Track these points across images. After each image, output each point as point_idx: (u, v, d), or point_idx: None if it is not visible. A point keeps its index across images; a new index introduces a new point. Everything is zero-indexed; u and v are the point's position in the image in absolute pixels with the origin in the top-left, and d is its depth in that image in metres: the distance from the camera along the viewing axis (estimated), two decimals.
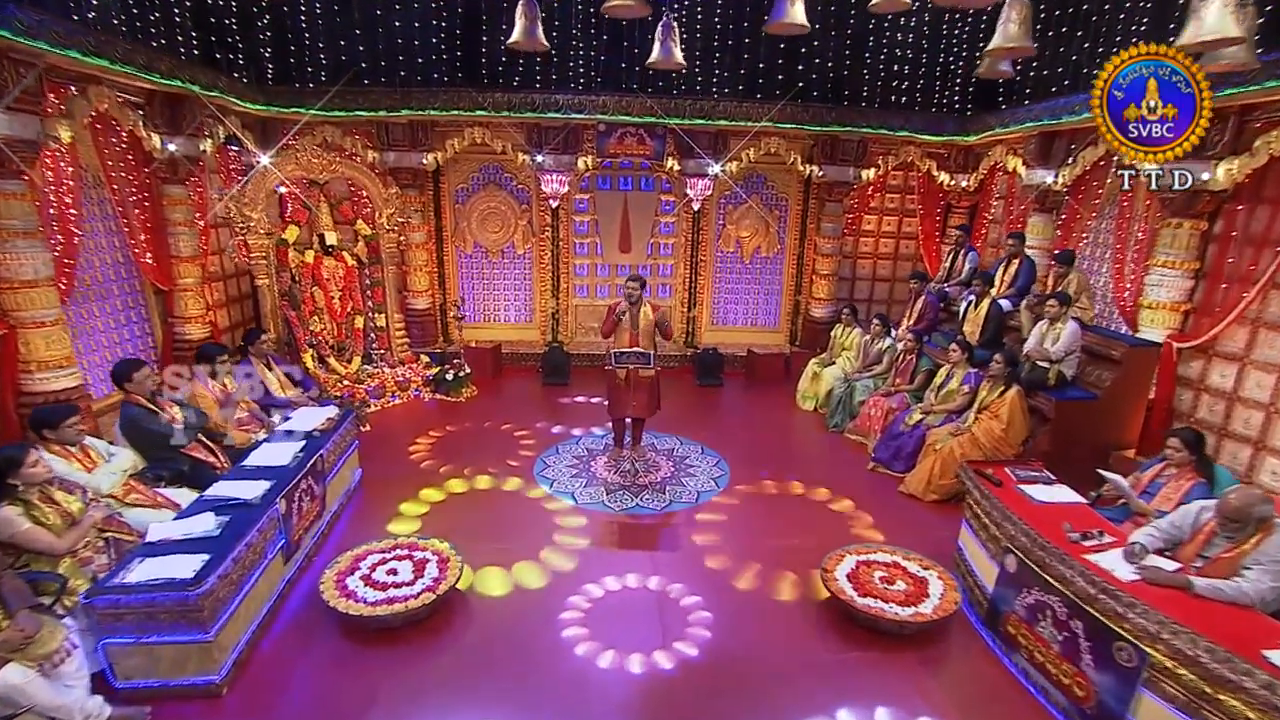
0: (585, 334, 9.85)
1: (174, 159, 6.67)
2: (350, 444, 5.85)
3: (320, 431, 5.33)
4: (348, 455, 5.74)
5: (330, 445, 5.34)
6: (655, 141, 8.53)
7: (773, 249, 9.66)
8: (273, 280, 7.31)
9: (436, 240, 9.36)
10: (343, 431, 5.62)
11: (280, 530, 4.36)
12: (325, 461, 5.21)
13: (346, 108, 8.28)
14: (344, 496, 5.62)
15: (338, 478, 5.50)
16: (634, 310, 5.82)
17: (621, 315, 5.76)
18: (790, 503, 5.96)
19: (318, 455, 5.04)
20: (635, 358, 5.80)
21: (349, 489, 5.75)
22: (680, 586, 4.64)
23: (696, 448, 6.91)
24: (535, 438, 7.00)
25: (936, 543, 5.13)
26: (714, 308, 9.90)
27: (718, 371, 9.04)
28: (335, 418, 5.61)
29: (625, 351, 5.80)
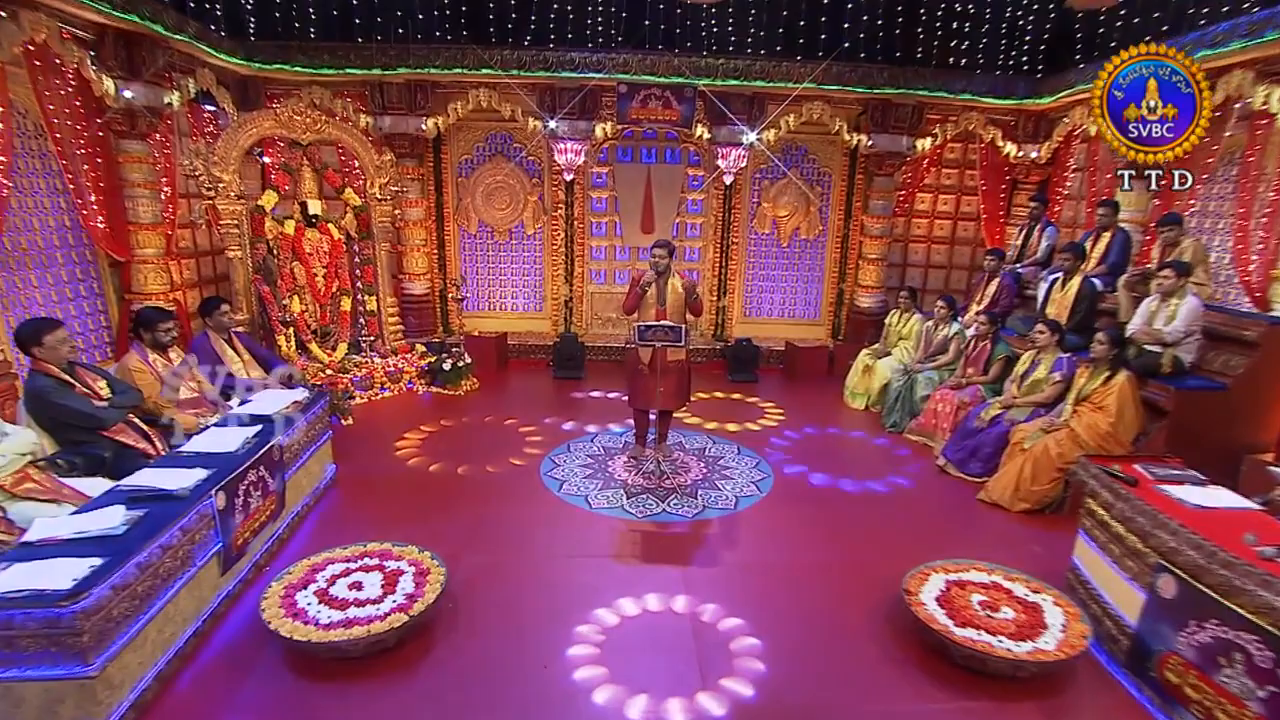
0: (602, 325, 9.13)
1: (132, 109, 6.00)
2: (322, 434, 5.07)
3: (283, 416, 4.52)
4: (317, 447, 4.96)
5: (294, 433, 4.56)
6: (683, 105, 7.81)
7: (814, 230, 8.90)
8: (246, 253, 6.58)
9: (437, 218, 8.71)
10: (312, 418, 4.84)
11: (215, 531, 3.54)
12: (286, 452, 4.42)
13: (337, 65, 7.65)
14: (311, 495, 4.84)
15: (303, 472, 4.71)
16: (661, 282, 5.15)
17: (647, 287, 5.09)
18: (848, 510, 5.09)
19: (275, 443, 4.23)
20: (664, 333, 4.99)
21: (318, 486, 4.97)
22: (718, 608, 3.78)
23: (731, 447, 6.10)
24: (543, 434, 6.25)
25: (1035, 560, 4.27)
26: (747, 296, 9.17)
27: (752, 366, 8.28)
28: (304, 401, 4.82)
29: (652, 325, 5.01)
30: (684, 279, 5.24)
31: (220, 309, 5.22)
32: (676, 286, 5.21)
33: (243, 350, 5.38)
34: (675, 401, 5.38)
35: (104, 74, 5.70)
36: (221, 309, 5.22)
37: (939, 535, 4.75)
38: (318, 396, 5.11)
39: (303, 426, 4.73)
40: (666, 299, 5.19)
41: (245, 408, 4.63)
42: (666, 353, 5.17)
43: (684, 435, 6.28)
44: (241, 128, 6.45)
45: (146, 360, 4.54)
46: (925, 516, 5.03)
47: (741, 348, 8.29)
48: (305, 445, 4.78)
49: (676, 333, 5.03)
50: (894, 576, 3.90)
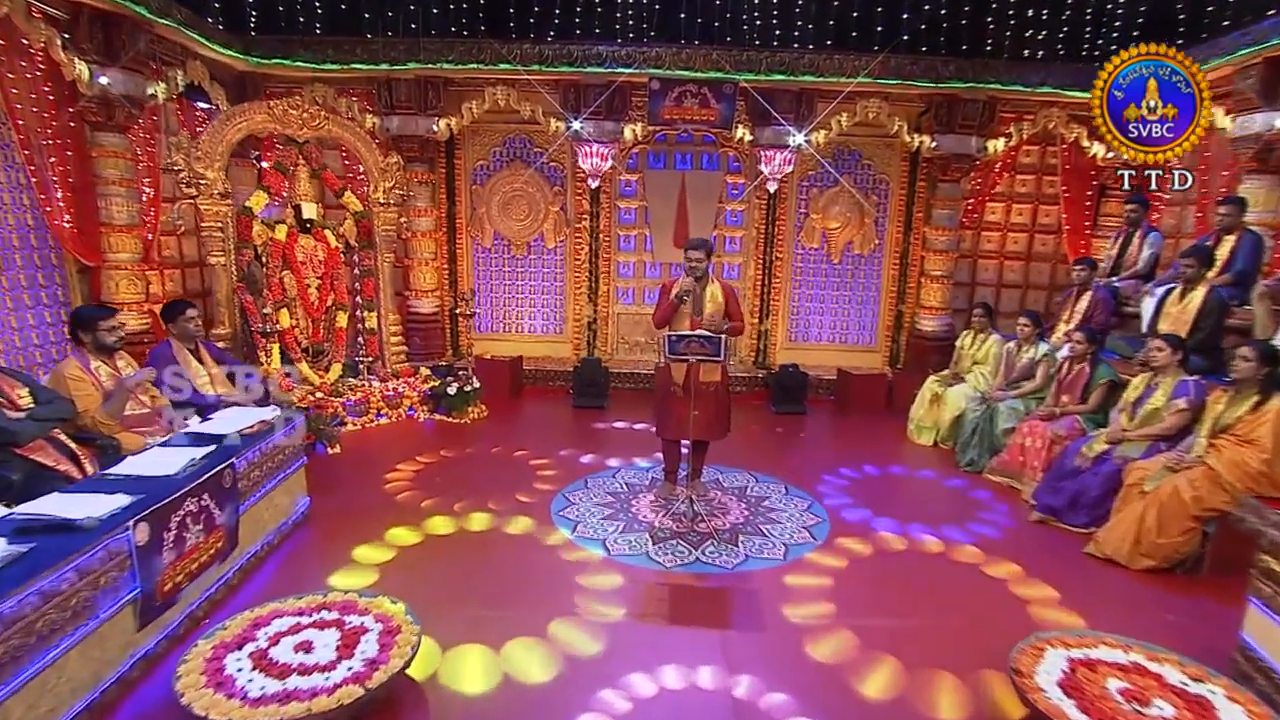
0: (629, 349, 8.59)
1: (108, 98, 5.65)
2: (293, 460, 4.52)
3: (243, 436, 3.96)
4: (286, 475, 4.40)
5: (253, 457, 3.99)
6: (722, 104, 7.31)
7: (869, 245, 8.30)
8: (230, 260, 6.14)
9: (448, 229, 8.30)
10: (279, 441, 4.28)
11: (132, 573, 2.94)
12: (242, 479, 3.84)
13: (342, 60, 7.33)
14: (275, 533, 4.26)
15: (265, 504, 4.14)
16: (699, 290, 4.64)
17: (684, 297, 4.56)
18: (925, 565, 4.35)
19: (226, 468, 3.66)
20: (699, 344, 4.40)
21: (285, 523, 4.40)
22: (761, 683, 3.07)
23: (778, 486, 5.43)
24: (557, 468, 5.67)
25: (1174, 634, 3.52)
26: (793, 319, 8.57)
27: (800, 396, 7.64)
28: (272, 421, 4.27)
29: (685, 335, 4.43)
30: (725, 287, 4.70)
31: (186, 314, 4.72)
32: (716, 295, 4.68)
33: (211, 363, 4.86)
34: (713, 430, 4.79)
35: (76, 57, 5.35)
36: (187, 314, 4.73)
37: (1043, 600, 3.97)
38: (291, 416, 4.54)
39: (267, 450, 4.17)
40: (704, 308, 4.66)
41: (201, 426, 4.09)
42: (701, 371, 4.59)
43: (721, 472, 5.66)
44: (229, 120, 6.09)
45: (87, 367, 4.03)
46: (1025, 574, 4.24)
47: (788, 375, 7.67)
48: (269, 473, 4.21)
49: (714, 344, 4.43)
50: (991, 649, 3.18)
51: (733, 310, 4.69)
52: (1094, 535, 4.52)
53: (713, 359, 4.50)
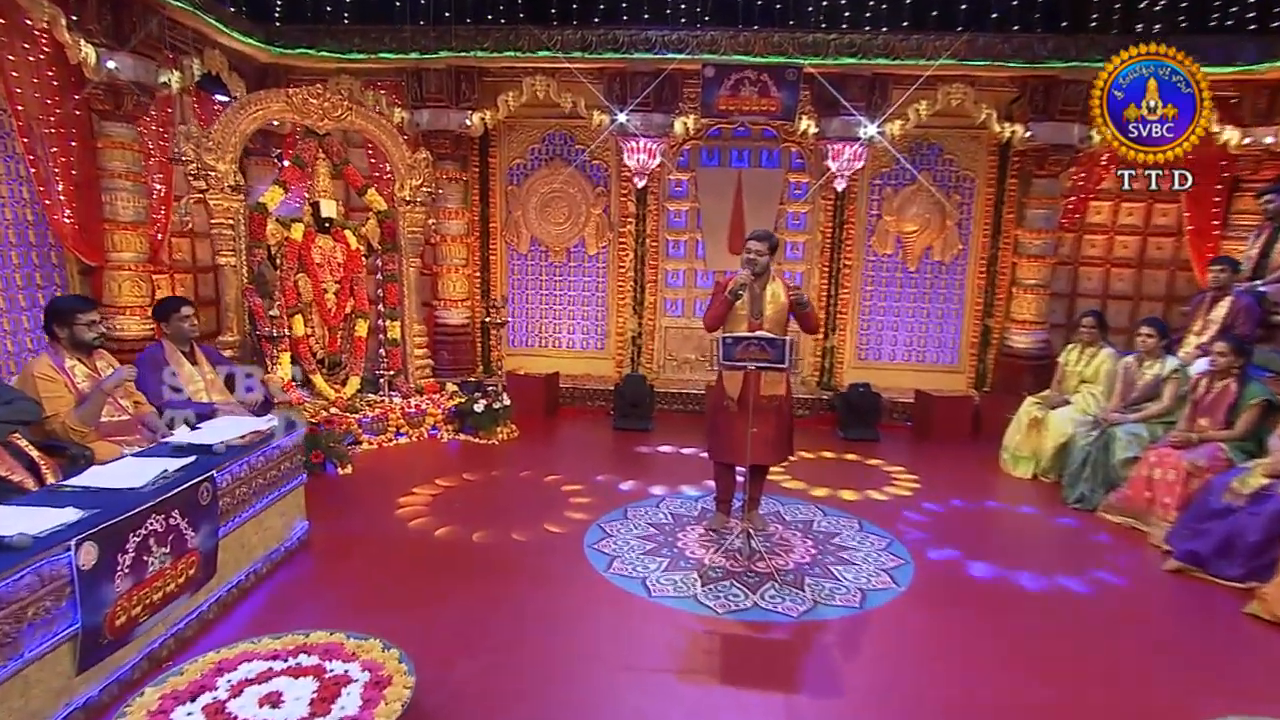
0: (678, 367, 8.22)
1: (116, 85, 5.53)
2: (289, 478, 4.20)
3: (229, 447, 3.64)
4: (280, 494, 4.08)
5: (240, 471, 3.66)
6: (783, 92, 6.92)
7: (951, 250, 7.80)
8: (241, 260, 5.94)
9: (481, 233, 8.10)
10: (272, 455, 3.96)
11: (72, 602, 2.58)
12: (225, 496, 3.51)
13: (369, 49, 7.22)
14: (264, 561, 3.92)
15: (253, 527, 3.80)
16: (757, 287, 4.27)
17: (738, 293, 4.18)
18: (1035, 619, 3.81)
19: (204, 482, 3.31)
20: (759, 348, 3.97)
21: (277, 549, 4.06)
22: None
23: (850, 521, 4.93)
24: (593, 495, 5.31)
25: None
26: (863, 334, 8.09)
27: (872, 420, 7.16)
28: (266, 432, 3.95)
29: (742, 337, 4.02)
30: (788, 286, 4.30)
31: (180, 312, 4.49)
32: (778, 294, 4.30)
33: (208, 367, 4.60)
34: (773, 453, 4.39)
35: (83, 39, 5.23)
36: (182, 312, 4.49)
37: (1197, 668, 3.35)
38: (288, 427, 4.22)
39: (259, 464, 3.83)
40: (764, 310, 4.28)
41: (187, 435, 3.78)
42: (762, 382, 4.19)
43: (782, 504, 5.19)
44: (244, 109, 5.92)
45: (60, 366, 3.76)
46: (1164, 636, 3.62)
47: (859, 397, 7.17)
48: (260, 491, 3.87)
49: (777, 348, 3.97)
50: None
51: (803, 316, 4.33)
52: (1257, 592, 3.84)
53: (775, 367, 4.04)
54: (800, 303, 4.26)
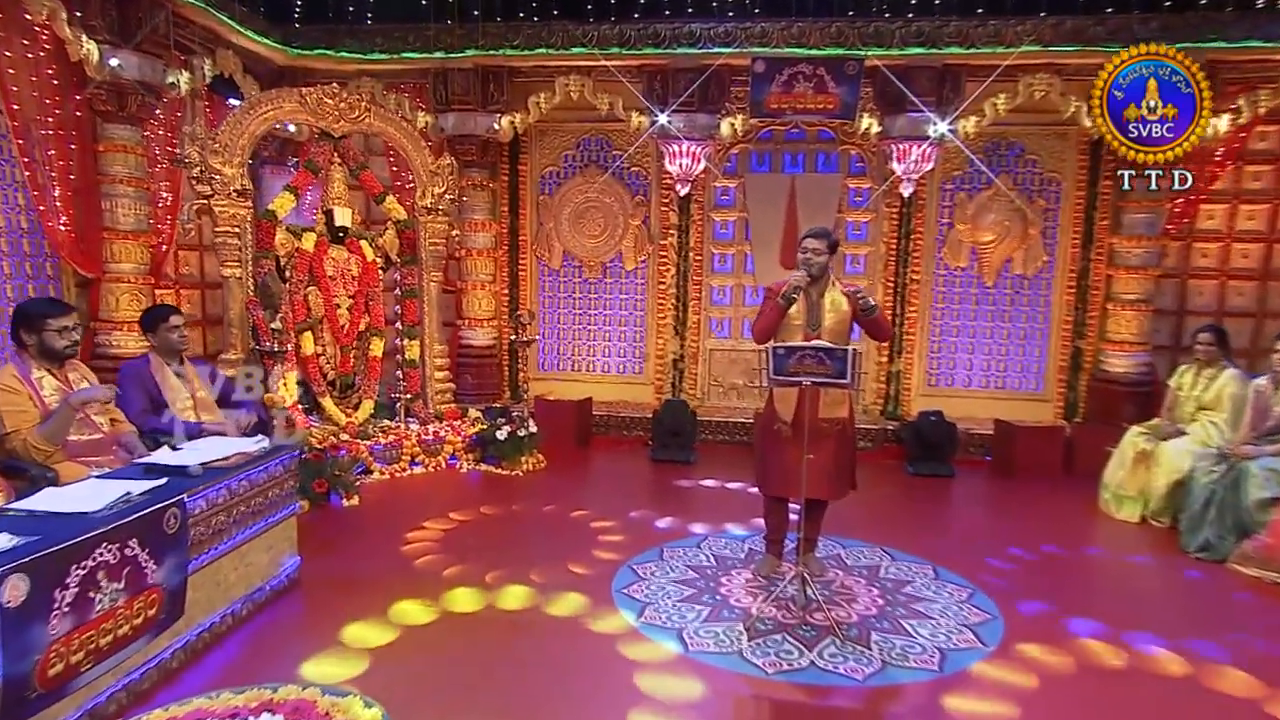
0: (724, 394, 7.98)
1: (120, 84, 5.53)
2: (279, 507, 3.97)
3: (206, 468, 3.40)
4: (266, 525, 3.84)
5: (217, 496, 3.41)
6: (842, 88, 6.70)
7: (1035, 262, 7.46)
8: (246, 271, 5.81)
9: (510, 246, 8.07)
10: (258, 480, 3.73)
11: None
12: (199, 526, 3.26)
13: (392, 49, 7.25)
14: (244, 601, 3.67)
15: (230, 561, 3.56)
16: (814, 294, 4.01)
17: (792, 297, 3.91)
18: (1166, 694, 3.26)
19: (170, 507, 3.05)
20: (817, 360, 3.65)
21: (261, 588, 3.82)
22: None
23: (924, 568, 4.56)
24: (625, 533, 5.02)
25: None
26: (933, 358, 7.79)
27: (945, 453, 6.77)
28: (254, 454, 3.72)
29: (796, 347, 3.69)
30: (852, 297, 4.01)
31: (169, 321, 4.31)
32: (838, 302, 4.01)
33: (198, 384, 4.40)
34: (833, 486, 4.06)
35: (85, 35, 5.23)
36: (170, 321, 4.31)
37: None
38: (284, 452, 3.99)
39: (241, 490, 3.58)
40: (822, 320, 4.00)
41: (166, 456, 3.55)
42: (821, 402, 3.87)
43: (843, 545, 4.82)
44: (253, 109, 5.82)
45: (26, 377, 3.55)
46: None
47: (930, 427, 6.79)
48: (242, 520, 3.62)
49: (837, 360, 3.63)
50: None
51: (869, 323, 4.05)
52: None
53: (836, 383, 3.68)
54: (867, 308, 3.94)
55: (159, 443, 3.84)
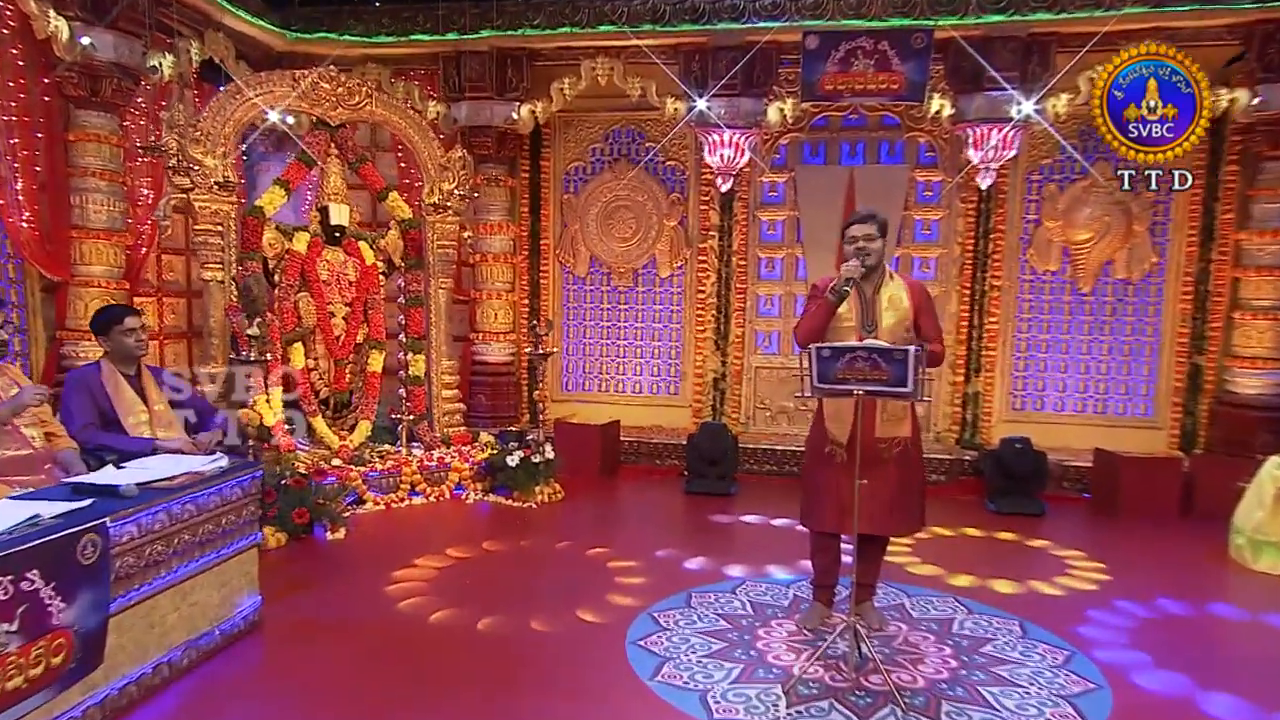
0: (771, 418, 7.82)
1: (93, 66, 5.50)
2: (236, 537, 3.77)
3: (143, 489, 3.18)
4: (217, 558, 3.63)
5: (152, 522, 3.18)
6: (909, 65, 6.59)
7: (1141, 264, 7.18)
8: (229, 275, 5.74)
9: (531, 251, 8.11)
10: (208, 504, 3.52)
11: None
12: (122, 555, 3.03)
13: (400, 31, 7.26)
14: (186, 648, 3.44)
15: (168, 600, 3.33)
16: (868, 290, 3.77)
17: (843, 291, 3.65)
18: None
19: (87, 533, 2.80)
20: (872, 364, 3.31)
21: (210, 633, 3.59)
22: None
23: (1009, 623, 4.21)
24: (648, 574, 4.83)
25: None
26: (1017, 377, 7.57)
27: (1034, 487, 6.50)
28: (204, 475, 3.52)
29: (847, 348, 3.37)
30: (914, 287, 3.82)
31: (124, 323, 4.13)
32: (898, 297, 3.78)
33: (156, 395, 4.21)
34: (895, 520, 3.84)
35: (53, 10, 5.21)
36: (125, 324, 4.13)
37: None
38: (246, 472, 3.78)
39: (186, 516, 3.35)
40: (879, 319, 3.73)
41: (105, 475, 3.35)
42: (879, 417, 3.65)
43: (908, 593, 4.53)
44: (239, 94, 5.77)
45: None
46: None
47: (1015, 457, 6.47)
48: (186, 551, 3.39)
49: (896, 365, 3.34)
50: None
51: (926, 324, 3.78)
52: None
53: (895, 392, 3.34)
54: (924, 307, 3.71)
55: (104, 461, 3.70)
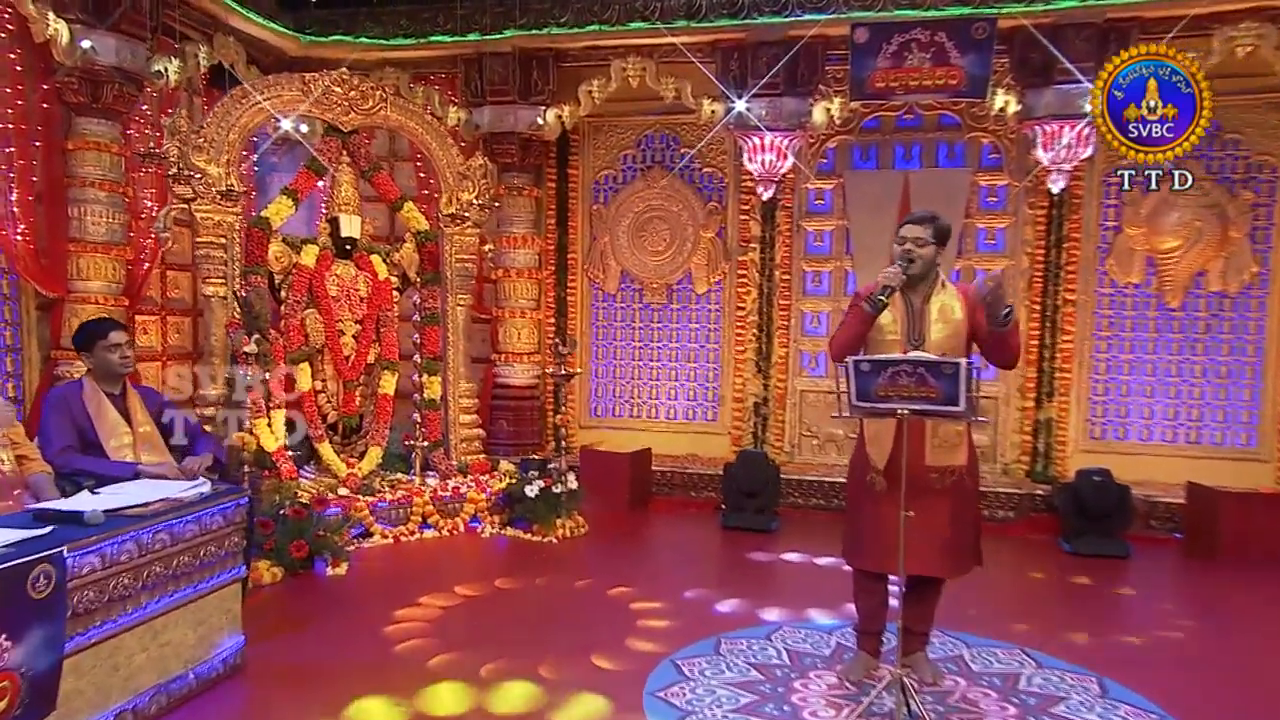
0: (819, 447, 7.71)
1: (94, 71, 5.58)
2: (216, 570, 3.68)
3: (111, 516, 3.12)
4: (193, 593, 3.53)
5: (115, 553, 3.10)
6: (969, 57, 6.49)
7: (1240, 275, 7.02)
8: (232, 289, 5.77)
9: (557, 266, 8.16)
10: (184, 533, 3.45)
11: None
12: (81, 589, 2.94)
13: (419, 32, 7.35)
14: (155, 693, 3.33)
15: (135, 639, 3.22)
16: (915, 297, 3.62)
17: (880, 300, 3.47)
18: None
19: (38, 565, 2.72)
20: (917, 378, 3.14)
21: (185, 677, 3.49)
22: None
23: (1085, 679, 4.00)
24: (674, 617, 4.72)
25: None
26: (1095, 402, 7.36)
27: (1115, 527, 6.25)
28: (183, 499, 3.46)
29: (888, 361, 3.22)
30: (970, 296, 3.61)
31: (107, 339, 4.09)
32: (951, 309, 3.59)
33: (142, 416, 4.18)
34: (946, 559, 3.69)
35: (53, 13, 5.29)
36: (110, 339, 4.09)
37: None
38: (229, 499, 3.71)
39: (159, 547, 3.27)
40: (927, 332, 3.57)
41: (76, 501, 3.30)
42: (929, 443, 3.47)
43: (966, 642, 4.35)
44: (245, 99, 5.84)
45: None
46: None
47: (1094, 491, 6.24)
48: (158, 585, 3.29)
49: (945, 380, 3.17)
50: None
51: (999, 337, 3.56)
52: None
53: (944, 410, 3.15)
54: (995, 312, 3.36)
55: (81, 486, 3.66)
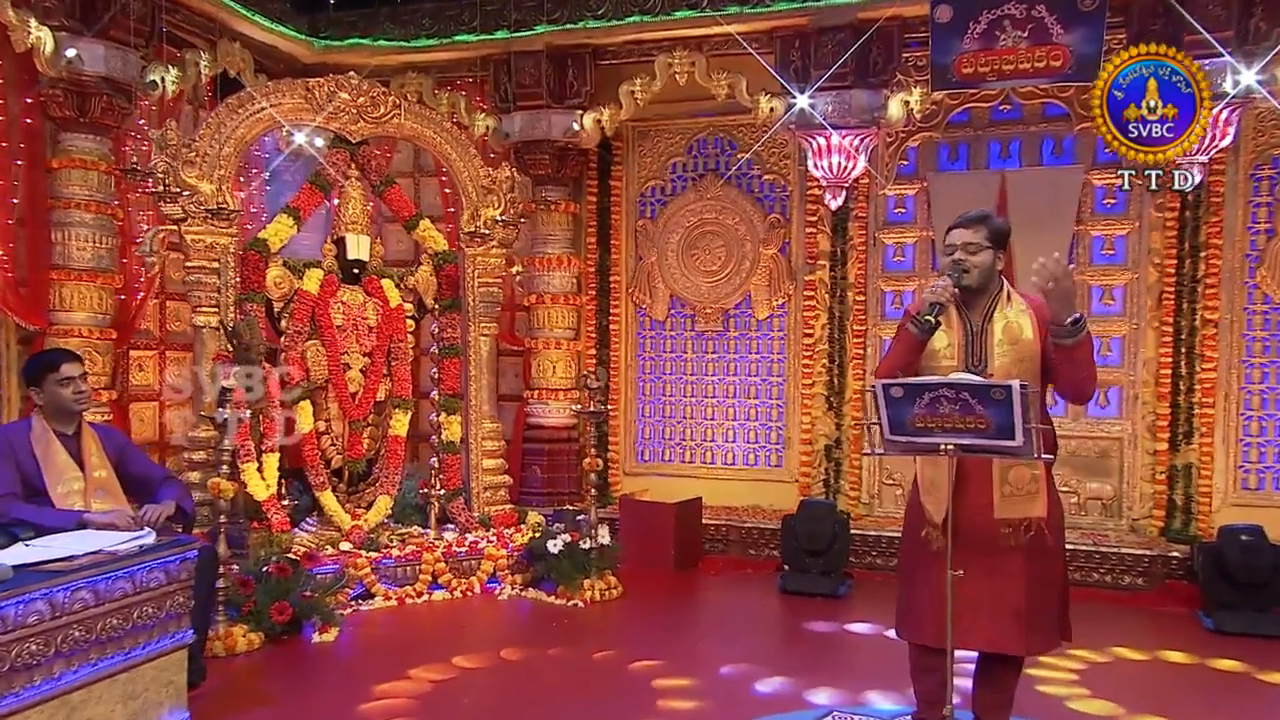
0: (900, 498, 7.31)
1: (81, 81, 5.76)
2: (159, 635, 3.63)
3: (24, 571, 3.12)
4: (126, 661, 3.47)
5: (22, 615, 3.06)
6: (1075, 34, 6.31)
7: None
8: (226, 319, 5.84)
9: (598, 291, 8.17)
10: (115, 593, 3.40)
11: None
12: None
13: (442, 33, 7.46)
14: None
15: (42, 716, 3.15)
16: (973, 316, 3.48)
17: (927, 319, 3.33)
18: None
19: None
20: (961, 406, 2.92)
21: None
22: None
23: None
24: (703, 697, 4.60)
25: None
26: (1245, 445, 6.97)
27: (1271, 599, 5.88)
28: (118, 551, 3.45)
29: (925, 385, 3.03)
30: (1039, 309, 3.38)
31: (58, 371, 4.13)
32: (1019, 327, 3.42)
33: (98, 460, 4.19)
34: (1016, 631, 3.37)
35: (34, 19, 5.47)
36: (61, 372, 4.12)
37: None
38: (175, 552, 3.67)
39: (80, 609, 3.21)
40: (989, 356, 3.39)
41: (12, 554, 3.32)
42: (995, 486, 3.29)
43: None
44: (241, 107, 5.95)
45: None
46: None
47: (1242, 552, 5.89)
48: (77, 654, 3.23)
49: (998, 408, 2.93)
50: None
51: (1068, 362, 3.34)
52: None
53: (998, 447, 2.91)
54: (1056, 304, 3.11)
55: (17, 538, 3.65)
